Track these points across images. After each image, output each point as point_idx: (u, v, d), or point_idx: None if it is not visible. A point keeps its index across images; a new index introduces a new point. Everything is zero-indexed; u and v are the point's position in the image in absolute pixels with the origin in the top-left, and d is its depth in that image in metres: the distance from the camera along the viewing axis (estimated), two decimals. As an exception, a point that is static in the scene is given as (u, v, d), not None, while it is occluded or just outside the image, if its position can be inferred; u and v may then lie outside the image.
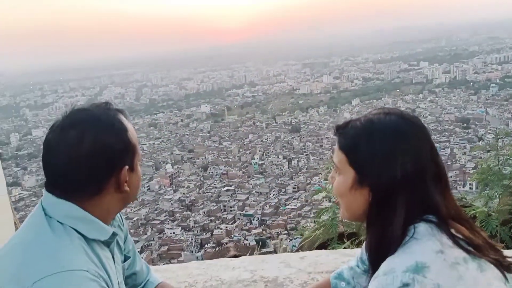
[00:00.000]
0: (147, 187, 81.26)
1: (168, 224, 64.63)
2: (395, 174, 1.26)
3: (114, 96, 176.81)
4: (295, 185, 73.00)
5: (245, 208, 66.16)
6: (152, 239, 60.55)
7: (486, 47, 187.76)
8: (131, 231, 64.21)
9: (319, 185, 71.35)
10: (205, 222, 62.78)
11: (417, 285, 1.11)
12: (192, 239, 58.44)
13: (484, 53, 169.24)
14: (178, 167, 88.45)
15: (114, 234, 1.48)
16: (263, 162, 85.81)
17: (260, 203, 65.07)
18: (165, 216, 67.26)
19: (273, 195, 67.82)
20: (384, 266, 1.20)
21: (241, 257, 2.62)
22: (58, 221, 1.35)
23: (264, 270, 2.32)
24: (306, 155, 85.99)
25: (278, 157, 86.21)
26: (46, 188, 1.45)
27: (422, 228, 1.24)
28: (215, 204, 68.01)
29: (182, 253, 56.07)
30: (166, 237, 60.72)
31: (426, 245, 1.19)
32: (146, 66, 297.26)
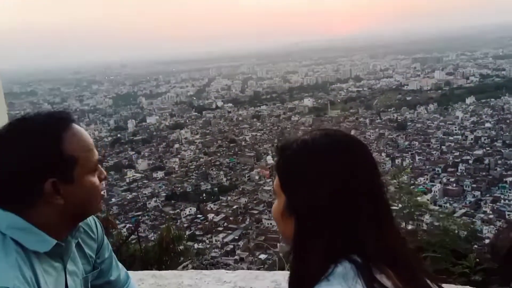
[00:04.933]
0: (247, 177, 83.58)
1: (266, 214, 65.74)
2: (321, 203, 1.10)
3: (221, 88, 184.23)
4: (397, 184, 69.96)
5: (344, 204, 65.00)
6: (250, 228, 62.08)
7: None
8: (231, 218, 66.53)
9: (423, 186, 67.80)
10: (302, 215, 62.83)
11: None
12: (288, 231, 58.83)
13: None
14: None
15: (58, 245, 1.46)
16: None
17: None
18: (263, 207, 68.50)
19: (374, 193, 65.69)
20: None
21: (237, 271, 2.52)
22: (0, 232, 1.37)
23: (253, 288, 2.11)
24: (412, 154, 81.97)
25: (381, 155, 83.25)
26: None
27: (340, 269, 1.08)
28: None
29: (278, 244, 56.76)
30: (264, 227, 61.80)
31: None
32: (252, 59, 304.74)
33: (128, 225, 67.65)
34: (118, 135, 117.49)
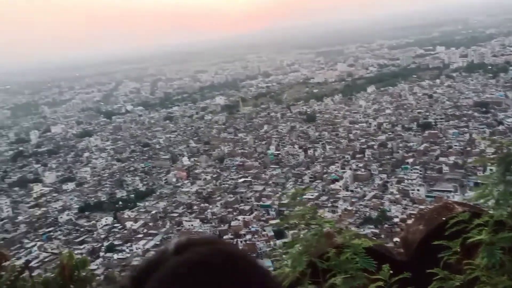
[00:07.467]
0: (164, 180, 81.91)
1: (186, 216, 65.04)
2: None
3: (129, 91, 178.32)
4: (311, 174, 72.75)
5: (262, 199, 66.19)
6: (170, 232, 61.00)
7: (504, 29, 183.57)
8: (150, 224, 64.83)
9: (335, 174, 70.99)
10: (222, 213, 63.03)
11: None
12: (210, 231, 58.77)
13: (502, 35, 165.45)
14: (194, 159, 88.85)
15: None
16: (279, 152, 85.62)
17: (277, 193, 64.95)
18: (183, 209, 67.68)
19: (290, 185, 67.61)
20: None
21: None
22: None
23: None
24: (322, 144, 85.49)
25: (293, 147, 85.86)
26: None
27: None
28: (232, 196, 68.18)
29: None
30: (185, 229, 61.07)
31: None
32: (160, 60, 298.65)
33: (39, 243, 63.28)
34: (20, 148, 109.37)
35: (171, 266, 0.83)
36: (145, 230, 62.42)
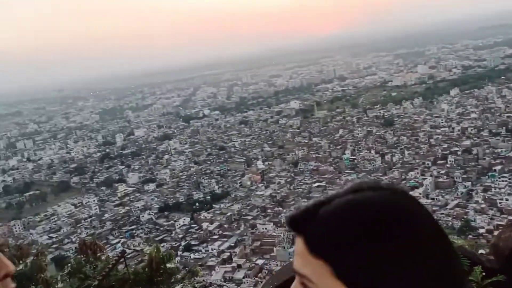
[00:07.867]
0: (239, 183, 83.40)
1: (260, 219, 65.65)
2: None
3: (206, 96, 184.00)
4: (389, 180, 70.33)
5: (337, 204, 64.97)
6: (245, 234, 61.87)
7: None
8: (225, 226, 66.28)
9: (414, 180, 68.11)
10: (296, 218, 62.70)
11: None
12: (284, 235, 58.77)
13: None
14: (268, 163, 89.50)
15: None
16: (354, 157, 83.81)
17: (352, 199, 63.49)
18: (257, 212, 68.39)
19: (366, 191, 65.73)
20: None
21: None
22: None
23: None
24: (401, 149, 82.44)
25: (370, 152, 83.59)
26: None
27: None
28: (306, 200, 67.23)
29: (274, 248, 56.72)
30: (259, 232, 61.62)
31: None
32: (236, 66, 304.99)
33: (122, 240, 66.94)
34: (107, 150, 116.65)
35: (338, 202, 0.89)
36: (220, 232, 63.87)
